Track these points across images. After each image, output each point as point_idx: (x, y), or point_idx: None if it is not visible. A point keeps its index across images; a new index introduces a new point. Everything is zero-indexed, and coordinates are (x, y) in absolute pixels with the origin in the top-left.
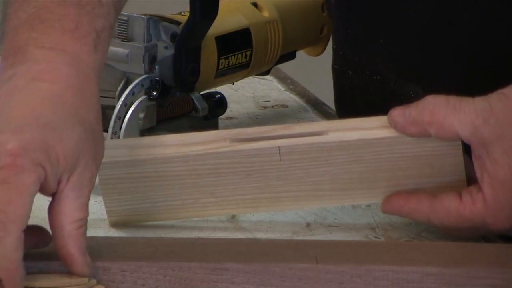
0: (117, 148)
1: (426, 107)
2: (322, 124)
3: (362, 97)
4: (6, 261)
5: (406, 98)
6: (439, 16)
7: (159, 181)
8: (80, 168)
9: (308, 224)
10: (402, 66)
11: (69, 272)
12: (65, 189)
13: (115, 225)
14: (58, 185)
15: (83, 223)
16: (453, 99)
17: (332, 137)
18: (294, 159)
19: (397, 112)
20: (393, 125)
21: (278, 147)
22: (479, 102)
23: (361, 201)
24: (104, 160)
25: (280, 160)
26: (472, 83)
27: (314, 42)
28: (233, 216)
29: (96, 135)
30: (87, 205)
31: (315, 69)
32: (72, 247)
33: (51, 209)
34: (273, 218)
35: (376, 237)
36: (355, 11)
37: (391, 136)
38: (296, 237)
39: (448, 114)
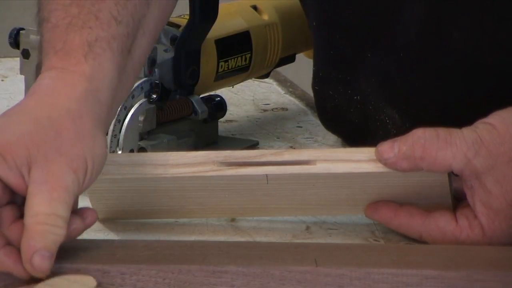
0: (106, 164)
1: (417, 142)
2: (311, 153)
3: (343, 116)
4: None
5: (382, 124)
6: (428, 31)
7: (147, 193)
8: (39, 162)
9: (307, 227)
10: (384, 82)
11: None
12: (29, 184)
13: (101, 220)
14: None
15: (46, 219)
16: (443, 132)
17: (320, 167)
18: (281, 183)
19: (385, 148)
20: (382, 161)
21: (266, 175)
22: (469, 134)
23: (345, 213)
24: None
25: (267, 183)
26: (451, 112)
27: None
28: (233, 219)
29: (63, 129)
30: (56, 199)
31: None
32: (27, 241)
33: None
34: (273, 221)
35: (375, 240)
36: (340, 28)
37: (379, 171)
38: (295, 240)
39: (440, 148)
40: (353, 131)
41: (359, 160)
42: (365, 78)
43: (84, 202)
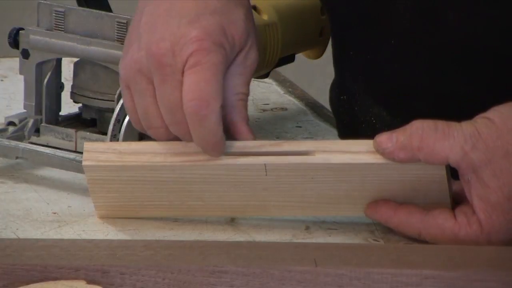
0: (106, 152)
1: (415, 132)
2: (310, 144)
3: (336, 115)
4: (212, 136)
5: (368, 125)
6: (422, 14)
7: (146, 185)
8: (246, 47)
9: (307, 227)
10: (372, 77)
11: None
12: (231, 67)
13: (103, 218)
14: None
15: (245, 97)
16: (441, 124)
17: (318, 158)
18: (280, 175)
19: (383, 138)
20: (380, 150)
21: (264, 164)
22: (467, 127)
23: (346, 214)
24: (92, 163)
25: (266, 175)
26: (445, 103)
27: (313, 45)
28: (233, 219)
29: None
30: (248, 83)
31: (315, 72)
32: (234, 116)
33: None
34: (273, 220)
35: (375, 240)
36: (332, 27)
37: (377, 162)
38: (295, 240)
39: (437, 139)
40: (345, 131)
41: (358, 152)
42: (351, 77)
43: (84, 199)
